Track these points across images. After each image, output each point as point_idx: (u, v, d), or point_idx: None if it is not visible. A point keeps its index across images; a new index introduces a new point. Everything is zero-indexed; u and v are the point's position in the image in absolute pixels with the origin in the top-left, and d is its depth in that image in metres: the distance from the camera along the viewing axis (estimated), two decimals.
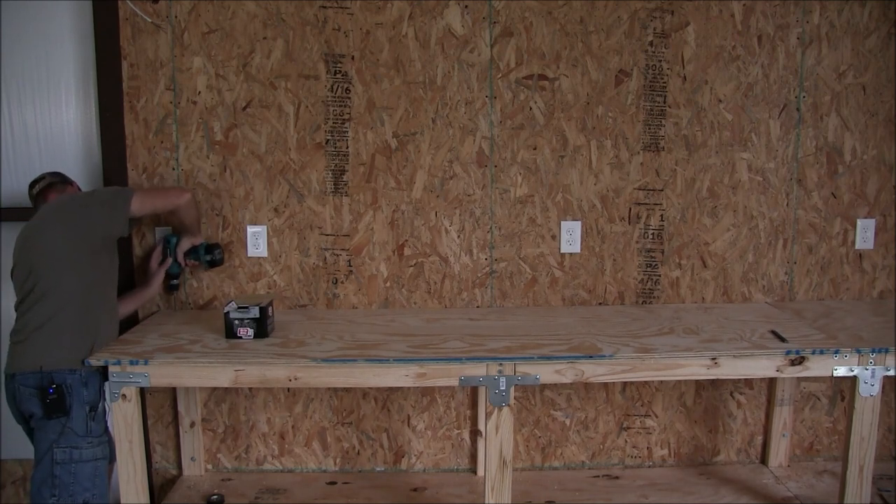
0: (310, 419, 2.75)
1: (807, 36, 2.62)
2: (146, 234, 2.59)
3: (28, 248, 2.12)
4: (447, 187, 2.62)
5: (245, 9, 2.50)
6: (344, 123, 2.58)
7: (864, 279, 2.77)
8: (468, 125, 2.59)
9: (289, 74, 2.54)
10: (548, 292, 2.70)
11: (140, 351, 2.12)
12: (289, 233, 2.62)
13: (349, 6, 2.51)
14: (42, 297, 2.09)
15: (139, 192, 2.23)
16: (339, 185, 2.60)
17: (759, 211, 2.70)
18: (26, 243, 2.14)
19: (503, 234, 2.66)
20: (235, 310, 2.23)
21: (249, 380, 2.10)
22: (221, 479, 2.70)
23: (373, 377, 2.12)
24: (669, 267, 2.71)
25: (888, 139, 2.69)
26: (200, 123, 2.55)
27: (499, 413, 2.11)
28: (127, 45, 2.50)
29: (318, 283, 2.66)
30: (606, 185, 2.65)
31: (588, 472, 2.79)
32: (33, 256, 2.10)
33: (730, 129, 2.65)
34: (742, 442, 2.84)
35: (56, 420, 2.04)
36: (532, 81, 2.58)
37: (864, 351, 2.14)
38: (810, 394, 2.82)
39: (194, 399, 2.67)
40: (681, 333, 2.31)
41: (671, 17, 2.58)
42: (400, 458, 2.80)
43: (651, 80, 2.60)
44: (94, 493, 2.09)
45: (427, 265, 2.66)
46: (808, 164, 2.69)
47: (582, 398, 2.78)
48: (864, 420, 2.18)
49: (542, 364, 2.09)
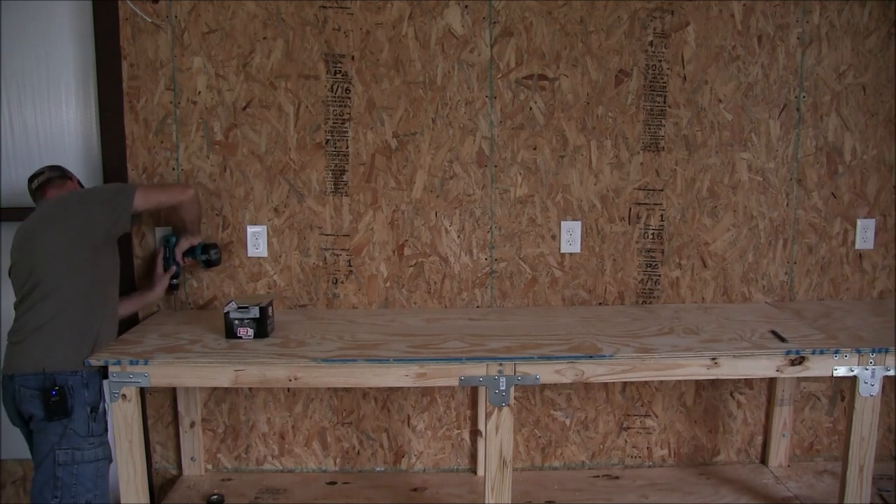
0: (310, 419, 2.75)
1: (807, 36, 2.62)
2: (146, 234, 2.59)
3: (28, 248, 2.11)
4: (447, 187, 2.62)
5: (245, 9, 2.50)
6: (344, 123, 2.58)
7: (864, 279, 2.77)
8: (468, 125, 2.59)
9: (289, 74, 2.54)
10: (548, 292, 2.70)
11: (140, 351, 2.12)
12: (289, 233, 2.62)
13: (349, 6, 2.51)
14: (43, 298, 2.08)
15: (142, 188, 2.23)
16: (339, 185, 2.60)
17: (759, 211, 2.70)
18: (26, 242, 2.12)
19: (503, 234, 2.66)
20: (235, 310, 2.23)
21: (249, 380, 2.10)
22: (221, 479, 2.70)
23: (373, 377, 2.12)
24: (669, 267, 2.71)
25: (888, 139, 2.69)
26: (200, 123, 2.55)
27: (499, 413, 2.11)
28: (127, 45, 2.50)
29: (318, 283, 2.66)
30: (606, 185, 2.65)
31: (588, 472, 2.79)
32: (33, 256, 2.09)
33: (730, 129, 2.65)
34: (742, 442, 2.84)
35: (57, 422, 2.03)
36: (532, 81, 2.58)
37: (864, 351, 2.14)
38: (810, 394, 2.82)
39: (194, 399, 2.67)
40: (681, 333, 2.31)
41: (671, 17, 2.58)
42: (400, 458, 2.80)
43: (651, 80, 2.60)
44: (96, 493, 2.08)
45: (427, 265, 2.66)
46: (808, 164, 2.69)
47: (582, 398, 2.78)
48: (864, 420, 2.18)
49: (542, 364, 2.09)
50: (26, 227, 2.15)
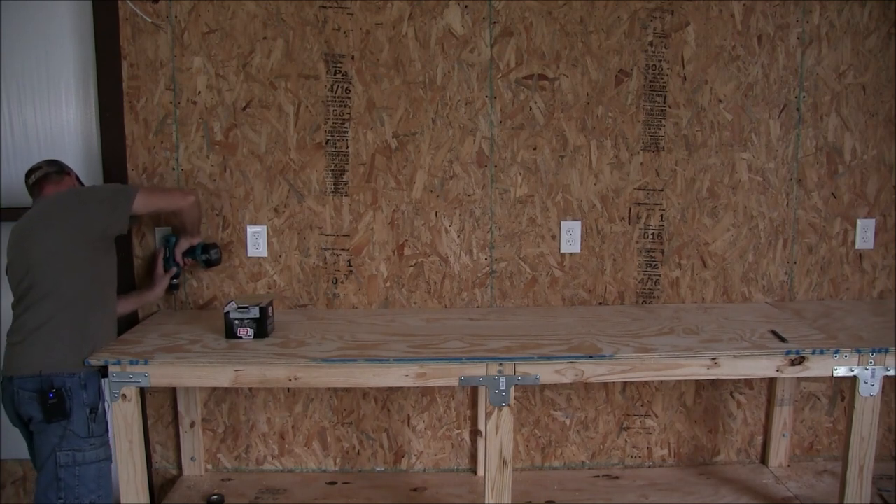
0: (310, 419, 2.75)
1: (807, 36, 2.62)
2: (146, 234, 2.59)
3: (24, 247, 2.09)
4: (447, 187, 2.62)
5: (245, 9, 2.50)
6: (344, 123, 2.58)
7: (864, 279, 2.77)
8: (468, 125, 2.59)
9: (289, 74, 2.54)
10: (548, 292, 2.70)
11: (140, 351, 2.12)
12: (289, 233, 2.62)
13: (349, 6, 2.51)
14: (41, 298, 2.06)
15: (143, 190, 2.21)
16: (339, 185, 2.60)
17: (759, 211, 2.70)
18: (22, 241, 2.10)
19: (503, 234, 2.66)
20: (235, 310, 2.23)
21: (249, 380, 2.10)
22: (221, 479, 2.70)
23: (373, 377, 2.12)
24: (669, 267, 2.71)
25: (888, 139, 2.69)
26: (200, 123, 2.55)
27: (499, 413, 2.11)
28: (127, 45, 2.50)
29: (318, 283, 2.66)
30: (606, 185, 2.65)
31: (588, 472, 2.79)
32: (30, 255, 2.08)
33: (730, 129, 2.65)
34: (742, 442, 2.84)
35: (57, 423, 2.03)
36: (532, 81, 2.58)
37: (864, 351, 2.14)
38: (810, 394, 2.82)
39: (194, 399, 2.67)
40: (681, 333, 2.31)
41: (671, 17, 2.58)
42: (400, 458, 2.80)
43: (651, 80, 2.60)
44: (99, 493, 2.08)
45: (427, 265, 2.66)
46: (808, 164, 2.69)
47: (582, 398, 2.78)
48: (864, 420, 2.18)
49: (542, 364, 2.09)
50: (22, 226, 2.12)
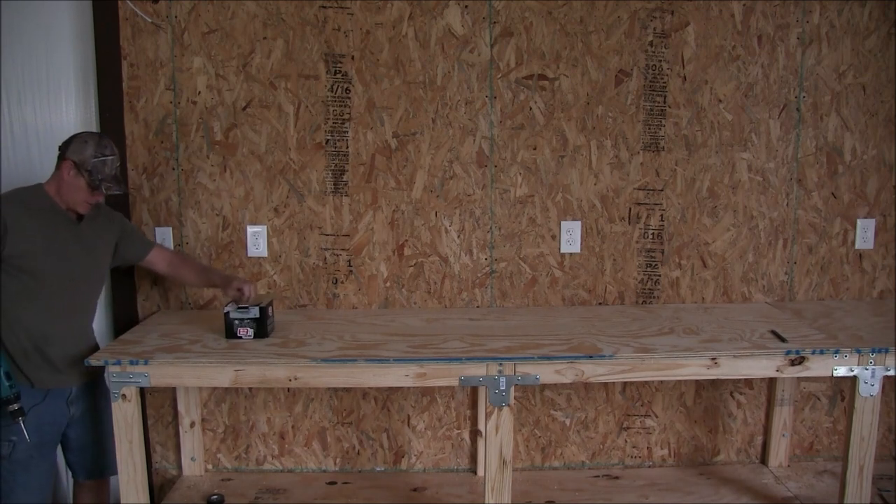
0: (310, 419, 2.75)
1: (807, 36, 2.62)
2: (146, 233, 2.59)
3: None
4: (447, 187, 2.62)
5: (245, 9, 2.50)
6: (344, 123, 2.58)
7: (864, 279, 2.77)
8: (468, 125, 2.59)
9: (289, 74, 2.54)
10: (548, 292, 2.70)
11: (140, 351, 2.12)
12: (289, 233, 2.62)
13: (349, 6, 2.51)
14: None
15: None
16: (339, 185, 2.60)
17: (759, 211, 2.70)
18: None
19: (503, 234, 2.66)
20: (235, 310, 2.23)
21: (249, 380, 2.10)
22: (221, 479, 2.70)
23: (373, 377, 2.12)
24: (669, 267, 2.71)
25: (888, 139, 2.69)
26: (200, 123, 2.55)
27: (499, 413, 2.11)
28: (127, 45, 2.50)
29: (318, 283, 2.65)
30: (606, 185, 2.65)
31: (588, 472, 2.79)
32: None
33: (730, 129, 2.65)
34: (742, 442, 2.84)
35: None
36: (532, 81, 2.58)
37: (864, 351, 2.14)
38: (810, 394, 2.82)
39: (194, 399, 2.67)
40: (681, 333, 2.31)
41: (671, 17, 2.58)
42: (400, 458, 2.79)
43: (651, 80, 2.60)
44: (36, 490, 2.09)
45: (427, 265, 2.66)
46: (808, 164, 2.69)
47: (582, 398, 2.78)
48: (864, 420, 2.18)
49: (542, 364, 2.09)
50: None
